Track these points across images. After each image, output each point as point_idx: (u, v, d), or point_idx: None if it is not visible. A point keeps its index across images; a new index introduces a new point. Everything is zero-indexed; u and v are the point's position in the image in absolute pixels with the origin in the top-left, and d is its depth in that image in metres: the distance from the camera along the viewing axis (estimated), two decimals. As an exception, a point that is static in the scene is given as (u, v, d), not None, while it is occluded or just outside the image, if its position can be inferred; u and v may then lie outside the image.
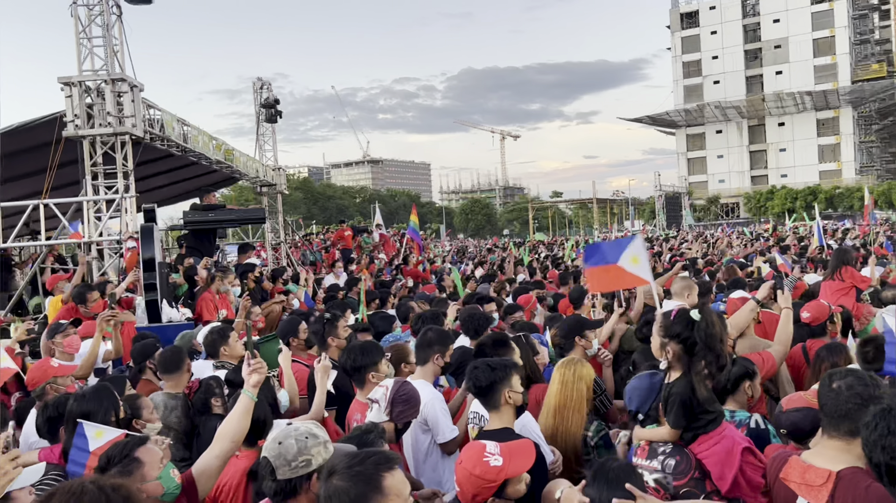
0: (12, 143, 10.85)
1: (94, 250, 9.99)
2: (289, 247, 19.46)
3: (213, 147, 13.52)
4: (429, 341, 4.56)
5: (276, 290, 10.65)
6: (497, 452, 2.77)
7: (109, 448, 2.86)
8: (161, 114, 10.98)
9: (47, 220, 10.19)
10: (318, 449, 2.69)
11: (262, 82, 18.83)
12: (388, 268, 17.55)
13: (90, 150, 9.80)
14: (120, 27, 10.04)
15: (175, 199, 18.88)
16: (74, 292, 7.47)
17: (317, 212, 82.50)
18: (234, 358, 5.38)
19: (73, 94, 9.60)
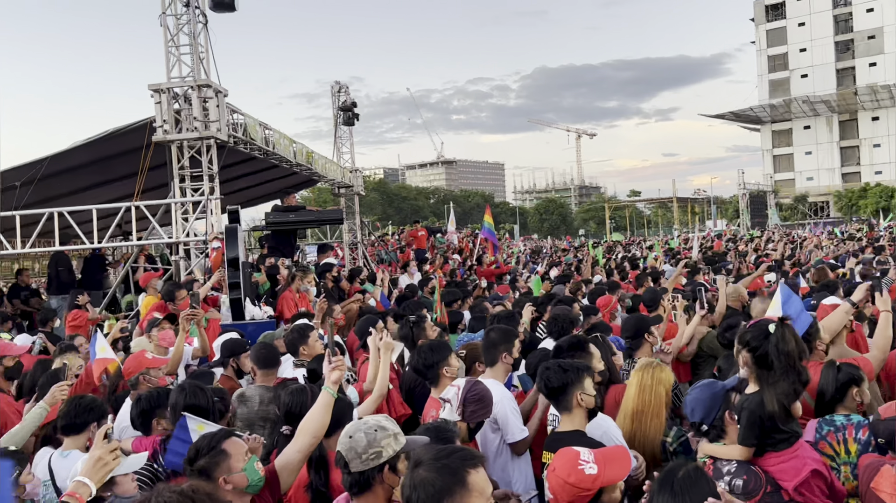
0: (106, 149, 11.44)
1: (181, 250, 10.41)
2: (365, 247, 19.77)
3: (293, 150, 13.88)
4: (493, 342, 4.56)
5: (353, 290, 10.83)
6: (592, 460, 2.71)
7: (198, 439, 2.96)
8: (244, 118, 11.34)
9: (138, 222, 10.69)
10: (388, 440, 2.72)
11: (340, 86, 19.19)
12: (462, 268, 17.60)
13: (178, 154, 10.21)
14: (205, 35, 10.42)
15: (257, 201, 19.47)
16: (164, 290, 7.81)
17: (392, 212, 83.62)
18: (311, 356, 5.50)
19: (161, 101, 10.03)
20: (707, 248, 23.92)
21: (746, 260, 15.10)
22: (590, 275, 13.16)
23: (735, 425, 3.16)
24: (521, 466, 4.18)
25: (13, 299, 12.60)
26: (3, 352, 5.32)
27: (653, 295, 7.54)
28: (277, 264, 10.37)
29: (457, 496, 2.10)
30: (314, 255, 15.86)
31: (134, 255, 12.99)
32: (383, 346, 4.44)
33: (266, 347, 5.25)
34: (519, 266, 19.99)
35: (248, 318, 8.22)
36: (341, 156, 19.44)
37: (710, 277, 11.40)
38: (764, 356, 3.06)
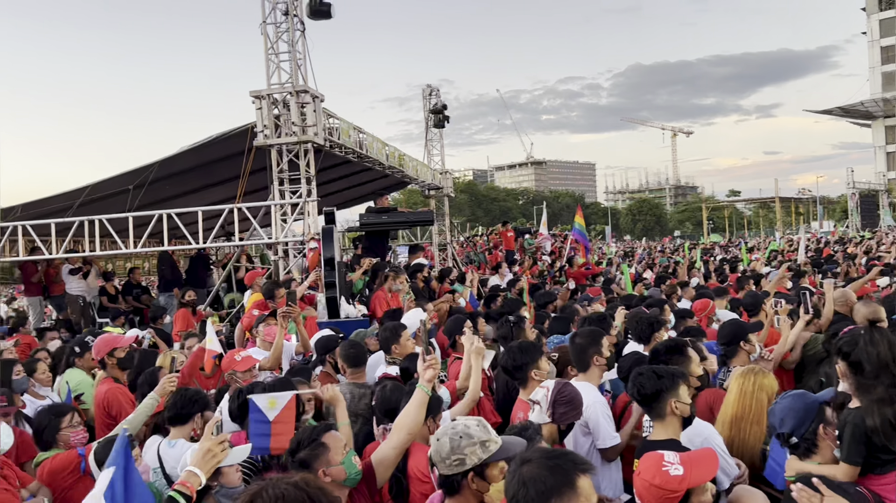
0: (210, 153, 12.00)
1: (280, 250, 10.80)
2: (454, 248, 19.90)
3: (385, 153, 14.15)
4: (580, 347, 4.47)
5: (443, 290, 10.93)
6: (677, 461, 2.65)
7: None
8: (339, 122, 11.64)
9: (240, 223, 11.17)
10: (473, 449, 2.72)
11: (431, 89, 19.41)
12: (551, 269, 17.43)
13: (277, 158, 10.59)
14: (303, 42, 10.77)
15: (351, 203, 19.93)
16: (264, 288, 8.13)
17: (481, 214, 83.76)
18: (404, 355, 5.58)
19: (262, 107, 10.43)
20: (815, 249, 22.73)
21: (856, 263, 14.24)
22: (686, 278, 12.75)
23: (829, 441, 2.98)
24: (610, 472, 4.11)
25: (126, 296, 13.43)
26: (114, 345, 5.65)
27: (754, 299, 7.22)
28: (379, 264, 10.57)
29: (564, 498, 2.07)
30: (405, 256, 16.09)
31: (236, 255, 13.58)
32: (474, 352, 4.43)
33: (354, 346, 5.37)
34: (611, 268, 19.61)
35: (342, 317, 8.44)
36: (431, 158, 19.65)
37: (816, 280, 10.84)
38: (857, 362, 2.88)
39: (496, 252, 19.69)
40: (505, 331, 5.67)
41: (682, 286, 10.49)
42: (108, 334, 6.13)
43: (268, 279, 10.06)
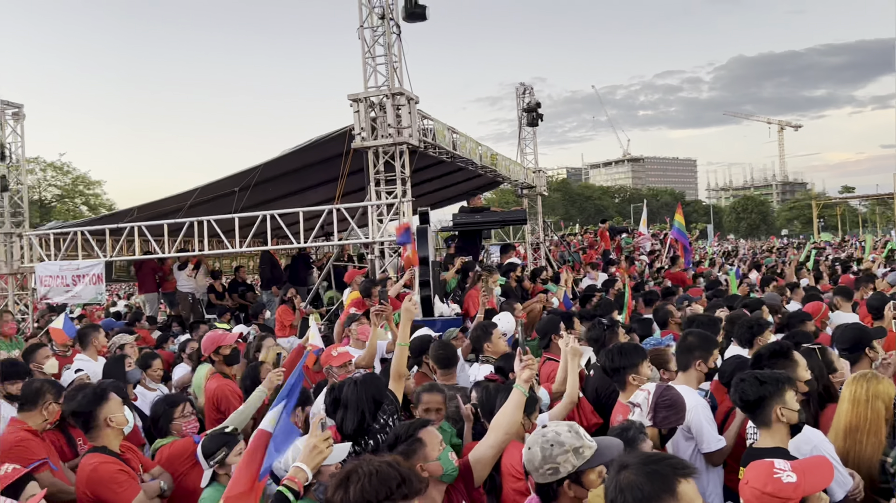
0: (310, 156, 12.40)
1: (376, 250, 11.03)
2: (548, 247, 19.72)
3: (479, 153, 14.18)
4: (689, 346, 4.33)
5: (536, 289, 10.86)
6: (788, 468, 2.52)
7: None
8: (433, 123, 11.77)
9: (339, 223, 11.48)
10: (566, 457, 2.68)
11: (525, 87, 19.31)
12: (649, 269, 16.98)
13: (373, 160, 10.82)
14: (399, 45, 10.95)
15: (445, 203, 20.09)
16: (361, 287, 8.33)
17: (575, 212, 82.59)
18: (496, 353, 5.58)
19: (359, 110, 10.68)
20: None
21: None
22: (794, 279, 12.13)
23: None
24: (714, 478, 3.98)
25: (232, 293, 14.09)
26: (220, 342, 5.91)
27: (880, 301, 6.53)
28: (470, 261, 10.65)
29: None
30: (498, 255, 16.09)
31: (335, 254, 13.98)
32: (571, 352, 4.38)
33: (444, 347, 5.40)
34: (714, 269, 18.89)
35: (436, 315, 8.53)
36: (524, 157, 19.54)
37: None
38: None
39: (591, 251, 19.37)
40: (597, 334, 5.58)
41: (792, 288, 9.97)
42: (214, 331, 6.43)
43: (364, 278, 10.31)
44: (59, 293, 12.32)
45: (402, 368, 4.21)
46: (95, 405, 3.93)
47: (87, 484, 3.66)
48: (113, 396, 4.01)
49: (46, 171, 42.73)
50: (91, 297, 12.54)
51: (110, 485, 3.59)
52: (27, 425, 4.24)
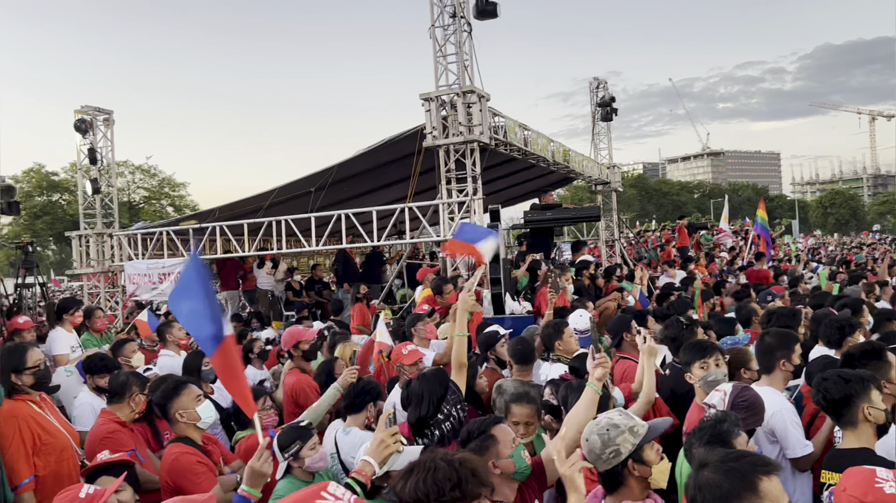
0: (383, 156, 12.56)
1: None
2: (623, 244, 19.35)
3: (551, 149, 14.04)
4: (769, 347, 4.16)
5: (610, 288, 10.66)
6: (891, 478, 2.38)
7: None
8: (504, 120, 11.72)
9: (411, 222, 11.59)
10: (623, 437, 2.73)
11: (598, 81, 19.00)
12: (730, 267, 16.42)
13: (444, 158, 10.87)
14: (470, 43, 10.96)
15: (516, 200, 20.00)
16: (433, 284, 8.37)
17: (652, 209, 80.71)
18: (567, 352, 5.51)
19: (431, 109, 10.74)
20: None
21: None
22: (886, 276, 11.48)
23: None
24: (801, 484, 3.81)
25: (309, 291, 14.42)
26: (299, 338, 6.07)
27: None
28: (538, 259, 10.58)
29: (745, 502, 1.98)
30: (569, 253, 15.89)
31: (407, 252, 14.12)
32: (646, 351, 4.29)
33: (522, 343, 5.38)
34: (799, 266, 18.10)
35: (507, 313, 8.50)
36: (598, 152, 19.24)
37: None
38: None
39: (668, 248, 18.88)
40: (674, 332, 5.43)
41: (882, 285, 9.45)
42: (294, 327, 6.60)
43: (436, 276, 10.36)
44: (146, 290, 12.90)
45: (462, 358, 4.26)
46: (169, 399, 4.09)
47: (169, 473, 3.81)
48: (187, 391, 4.14)
49: (135, 173, 44.82)
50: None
51: (189, 475, 3.73)
52: (116, 417, 4.43)
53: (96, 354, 5.86)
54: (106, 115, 14.59)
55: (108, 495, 2.75)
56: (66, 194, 41.35)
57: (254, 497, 2.81)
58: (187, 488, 3.60)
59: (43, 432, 4.12)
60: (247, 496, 2.79)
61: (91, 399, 5.30)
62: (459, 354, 4.25)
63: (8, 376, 4.17)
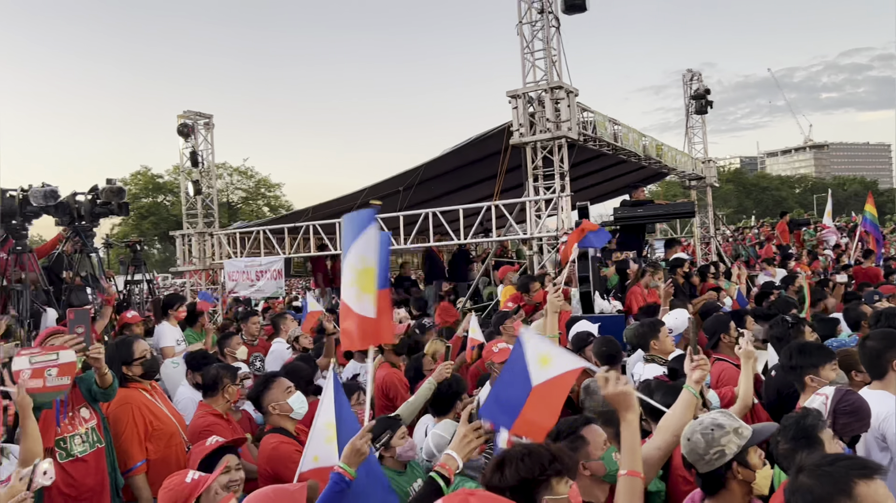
0: (469, 154, 12.59)
1: (534, 245, 10.99)
2: (719, 242, 18.66)
3: (643, 144, 13.71)
4: (874, 351, 3.88)
5: (705, 287, 10.30)
6: None
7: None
8: (593, 116, 11.53)
9: (497, 219, 11.56)
10: (728, 438, 2.66)
11: (692, 73, 18.40)
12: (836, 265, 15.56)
13: (532, 155, 10.79)
14: (558, 38, 10.83)
15: (606, 197, 19.63)
16: (520, 282, 8.34)
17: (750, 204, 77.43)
18: (663, 352, 5.37)
19: (518, 105, 10.69)
20: None
21: None
22: None
23: None
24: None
25: (398, 288, 14.65)
26: (390, 333, 6.18)
27: None
28: (627, 259, 10.37)
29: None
30: (662, 251, 15.45)
31: (493, 250, 14.12)
32: (744, 356, 4.12)
33: (607, 343, 5.29)
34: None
35: (596, 312, 8.36)
36: (692, 146, 18.62)
37: None
38: None
39: (768, 245, 18.07)
40: (780, 332, 5.18)
41: None
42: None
43: (522, 274, 10.31)
44: (244, 287, 13.45)
45: None
46: (261, 392, 4.26)
47: (268, 461, 3.97)
48: (277, 383, 4.28)
49: (233, 175, 46.80)
50: (272, 291, 13.57)
51: (286, 463, 3.86)
52: (213, 409, 4.65)
53: (199, 351, 6.17)
54: (206, 119, 15.28)
55: (211, 480, 2.89)
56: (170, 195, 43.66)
57: (349, 475, 2.89)
58: (285, 476, 3.72)
59: (154, 419, 4.37)
60: (342, 473, 2.87)
61: (191, 393, 5.59)
62: None
63: (119, 367, 4.44)
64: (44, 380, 3.39)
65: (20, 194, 7.41)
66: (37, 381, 3.38)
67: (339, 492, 2.83)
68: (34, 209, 7.44)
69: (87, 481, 4.05)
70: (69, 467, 4.02)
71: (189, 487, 2.85)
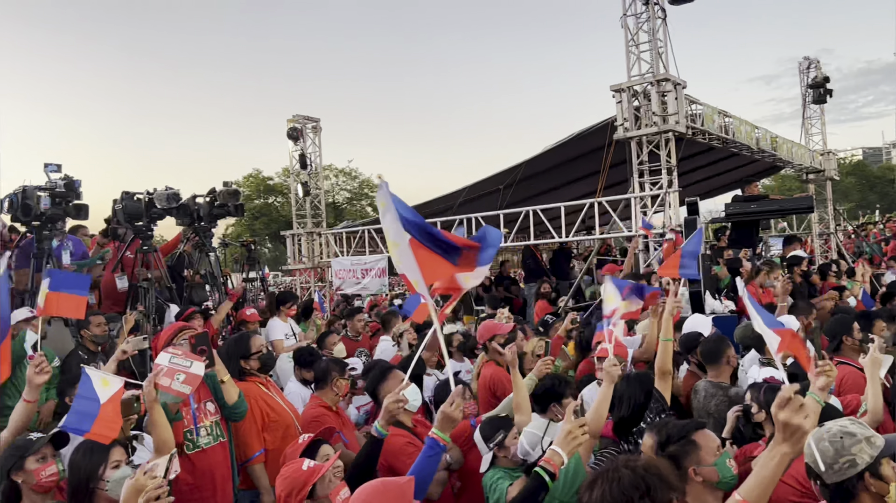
0: (571, 150, 12.42)
1: (640, 243, 10.72)
2: (840, 238, 17.55)
3: (755, 136, 13.09)
4: None
5: (826, 286, 9.73)
6: None
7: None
8: (702, 108, 11.12)
9: (600, 217, 11.34)
10: (860, 446, 2.49)
11: (809, 61, 17.40)
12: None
13: (637, 150, 10.53)
14: (664, 29, 10.51)
15: (716, 192, 18.91)
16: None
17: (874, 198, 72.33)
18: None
19: (622, 100, 10.45)
20: None
21: None
22: None
23: None
24: None
25: (498, 286, 14.65)
26: (495, 332, 6.17)
27: None
28: (739, 257, 9.93)
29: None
30: (779, 248, 14.69)
31: (596, 248, 13.86)
32: (870, 363, 3.86)
33: (712, 342, 5.10)
34: None
35: (707, 312, 8.05)
36: (810, 138, 17.62)
37: None
38: None
39: (894, 242, 16.84)
40: None
41: None
42: (489, 321, 6.76)
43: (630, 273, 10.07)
44: (350, 285, 13.85)
45: (666, 365, 4.07)
46: (377, 384, 4.36)
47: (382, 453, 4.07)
48: (392, 376, 4.42)
49: (339, 176, 48.24)
50: (377, 289, 13.90)
51: (400, 455, 3.95)
52: (323, 401, 4.82)
53: (306, 348, 6.40)
54: (314, 122, 15.83)
55: (325, 468, 3.00)
56: (280, 197, 45.50)
57: (443, 440, 3.06)
58: (399, 468, 3.81)
59: (270, 411, 4.57)
60: (437, 439, 3.05)
61: (299, 388, 5.82)
62: (664, 362, 4.08)
63: (237, 361, 4.67)
64: (172, 381, 3.58)
65: (146, 197, 7.92)
66: (166, 380, 3.57)
67: (433, 456, 3.05)
68: (158, 211, 7.92)
69: (212, 472, 4.27)
70: (195, 458, 4.26)
71: (305, 475, 2.97)
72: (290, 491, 2.95)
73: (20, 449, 3.36)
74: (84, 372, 3.42)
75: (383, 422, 3.39)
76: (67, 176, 6.90)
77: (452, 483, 4.43)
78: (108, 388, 3.39)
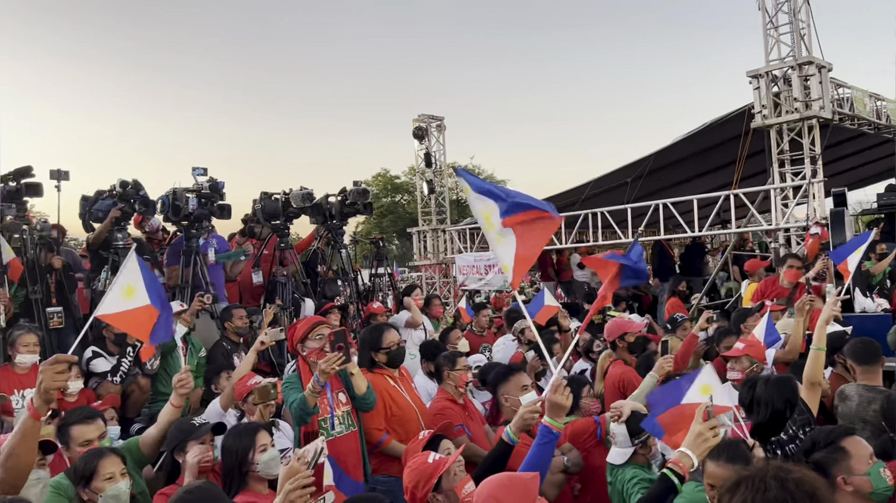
0: (704, 140, 11.89)
1: (780, 237, 10.09)
2: None
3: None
4: None
5: None
6: None
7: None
8: (851, 91, 10.32)
9: (736, 210, 10.76)
10: None
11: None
12: None
13: (776, 139, 9.91)
14: (806, 9, 9.82)
15: (866, 182, 17.49)
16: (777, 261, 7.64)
17: None
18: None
19: (760, 86, 9.87)
20: None
21: None
22: None
23: None
24: None
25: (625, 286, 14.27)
26: (625, 329, 6.03)
27: None
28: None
29: None
30: (942, 242, 13.37)
31: (732, 243, 13.19)
32: None
33: (862, 342, 4.69)
34: None
35: (857, 310, 7.47)
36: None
37: None
38: None
39: None
40: None
41: None
42: (619, 318, 6.61)
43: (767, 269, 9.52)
44: (473, 281, 13.96)
45: (816, 376, 3.78)
46: (498, 383, 4.38)
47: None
48: (515, 378, 4.46)
49: (462, 173, 48.68)
50: (499, 285, 13.93)
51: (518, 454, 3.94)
52: (447, 394, 4.88)
53: (431, 341, 6.51)
54: (438, 121, 16.07)
55: (450, 462, 3.04)
56: (406, 195, 46.59)
57: (555, 427, 3.15)
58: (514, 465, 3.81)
59: (394, 404, 4.68)
60: (549, 427, 3.15)
61: (424, 382, 5.92)
62: (814, 372, 3.79)
63: (368, 352, 4.82)
64: None
65: (283, 197, 8.35)
66: None
67: (546, 443, 3.13)
68: (294, 210, 8.34)
69: (344, 460, 4.43)
70: (329, 445, 4.43)
71: (431, 467, 3.02)
72: (416, 482, 3.02)
73: (185, 432, 3.64)
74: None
75: (515, 429, 3.38)
76: (212, 178, 7.37)
77: (572, 485, 4.35)
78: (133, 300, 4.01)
